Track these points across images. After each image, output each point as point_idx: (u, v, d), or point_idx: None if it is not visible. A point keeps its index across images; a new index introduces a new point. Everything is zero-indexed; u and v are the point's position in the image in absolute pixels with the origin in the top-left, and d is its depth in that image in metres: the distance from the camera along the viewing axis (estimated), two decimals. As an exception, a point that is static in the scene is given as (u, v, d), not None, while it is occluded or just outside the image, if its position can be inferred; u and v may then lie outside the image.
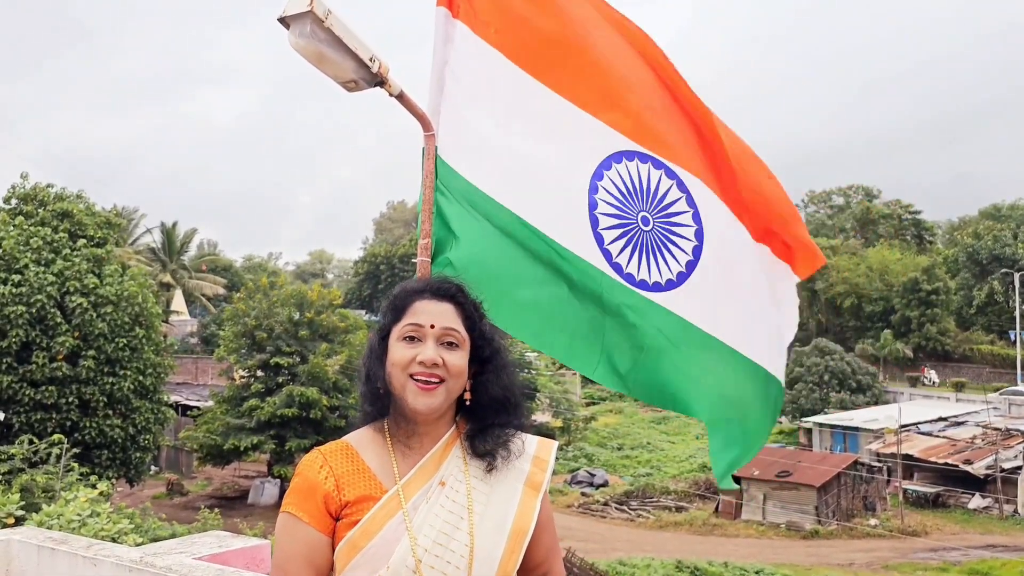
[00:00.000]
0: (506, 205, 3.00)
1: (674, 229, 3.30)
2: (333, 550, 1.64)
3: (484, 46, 3.13)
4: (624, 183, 3.21)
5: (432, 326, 1.69)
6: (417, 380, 1.66)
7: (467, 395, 1.74)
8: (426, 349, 1.67)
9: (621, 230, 3.13)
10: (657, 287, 3.18)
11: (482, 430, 1.75)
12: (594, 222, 3.08)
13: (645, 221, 3.22)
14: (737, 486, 26.86)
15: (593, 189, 3.13)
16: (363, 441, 1.74)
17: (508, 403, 1.77)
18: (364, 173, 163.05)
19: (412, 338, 1.69)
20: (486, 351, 1.77)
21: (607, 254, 3.09)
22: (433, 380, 1.66)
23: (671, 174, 3.37)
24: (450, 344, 1.70)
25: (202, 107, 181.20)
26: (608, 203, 3.14)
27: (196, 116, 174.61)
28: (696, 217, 3.38)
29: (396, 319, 1.74)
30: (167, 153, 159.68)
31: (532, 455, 1.80)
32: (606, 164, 3.19)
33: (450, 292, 1.76)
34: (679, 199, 3.36)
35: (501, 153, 3.10)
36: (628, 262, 3.12)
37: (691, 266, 3.30)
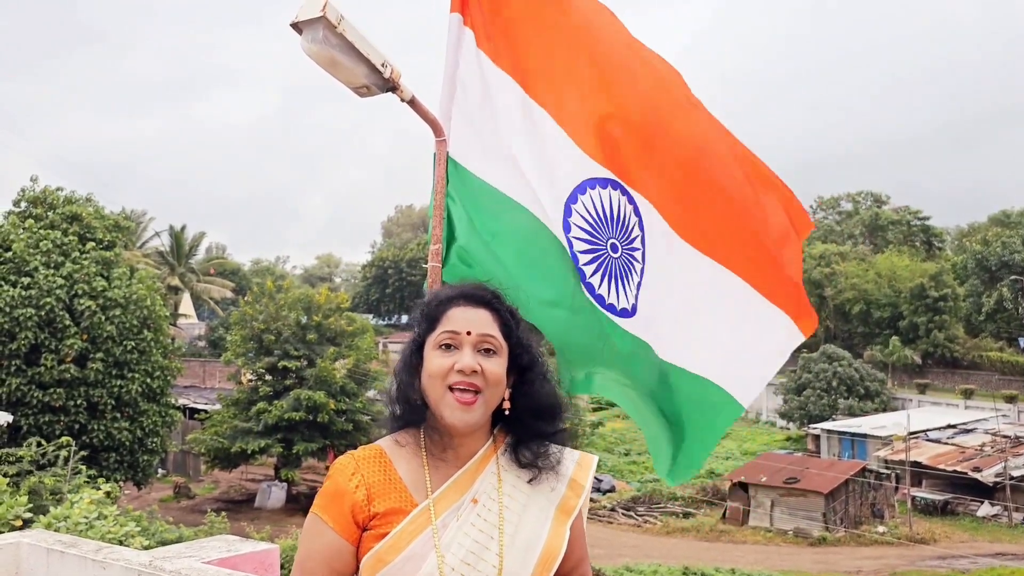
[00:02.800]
0: (516, 199, 3.01)
1: (633, 255, 3.32)
2: (356, 558, 1.62)
3: (485, 59, 3.13)
4: (596, 210, 3.21)
5: (468, 333, 1.64)
6: (455, 391, 1.61)
7: (506, 404, 1.69)
8: (464, 356, 1.62)
9: (592, 255, 3.15)
10: (624, 313, 3.18)
11: (523, 441, 1.71)
12: (568, 244, 3.08)
13: (614, 248, 3.23)
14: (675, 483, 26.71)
15: (567, 212, 3.14)
16: (396, 449, 1.70)
17: (549, 413, 1.73)
18: (372, 177, 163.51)
19: (448, 346, 1.65)
20: (525, 359, 1.72)
21: (582, 273, 3.09)
22: (471, 391, 1.62)
23: (631, 200, 3.37)
24: (488, 351, 1.65)
25: (212, 110, 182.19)
26: (581, 227, 3.15)
27: (205, 119, 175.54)
28: (643, 240, 3.39)
29: (431, 328, 1.68)
30: (176, 156, 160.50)
31: (569, 477, 1.75)
32: (580, 189, 3.19)
33: (485, 298, 1.72)
34: (635, 224, 3.37)
35: (506, 160, 3.11)
36: (599, 284, 3.13)
37: (639, 287, 3.31)
